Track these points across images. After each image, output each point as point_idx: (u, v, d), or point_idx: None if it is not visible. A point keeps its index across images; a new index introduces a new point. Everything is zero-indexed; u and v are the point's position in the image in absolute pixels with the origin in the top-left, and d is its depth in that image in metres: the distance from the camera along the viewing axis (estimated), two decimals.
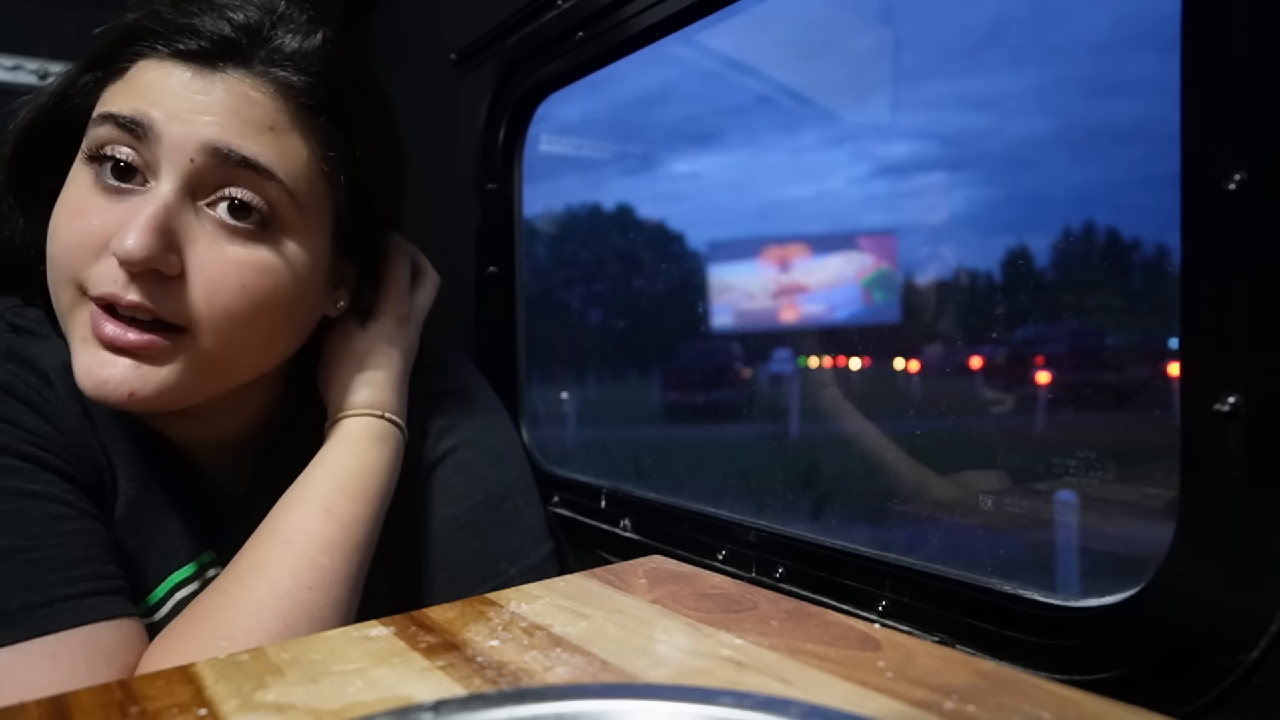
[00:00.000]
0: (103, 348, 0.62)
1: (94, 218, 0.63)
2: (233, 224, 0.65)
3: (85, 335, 0.63)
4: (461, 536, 0.83)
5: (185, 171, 0.63)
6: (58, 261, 0.64)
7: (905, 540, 0.99)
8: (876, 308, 1.56)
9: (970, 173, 1.25)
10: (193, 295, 0.63)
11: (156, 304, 0.62)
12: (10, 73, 1.78)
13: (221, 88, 0.64)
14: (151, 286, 0.62)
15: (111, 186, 0.63)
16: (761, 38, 1.40)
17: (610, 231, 2.44)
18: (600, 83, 1.16)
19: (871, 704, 0.42)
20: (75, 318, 0.64)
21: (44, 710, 0.45)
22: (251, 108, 0.64)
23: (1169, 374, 0.69)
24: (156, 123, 0.62)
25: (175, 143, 0.62)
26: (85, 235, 0.63)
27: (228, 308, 0.64)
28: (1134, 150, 0.87)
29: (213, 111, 0.63)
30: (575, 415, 1.77)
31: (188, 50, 0.65)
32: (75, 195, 0.65)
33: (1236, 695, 0.49)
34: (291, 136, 0.66)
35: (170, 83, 0.64)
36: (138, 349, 0.62)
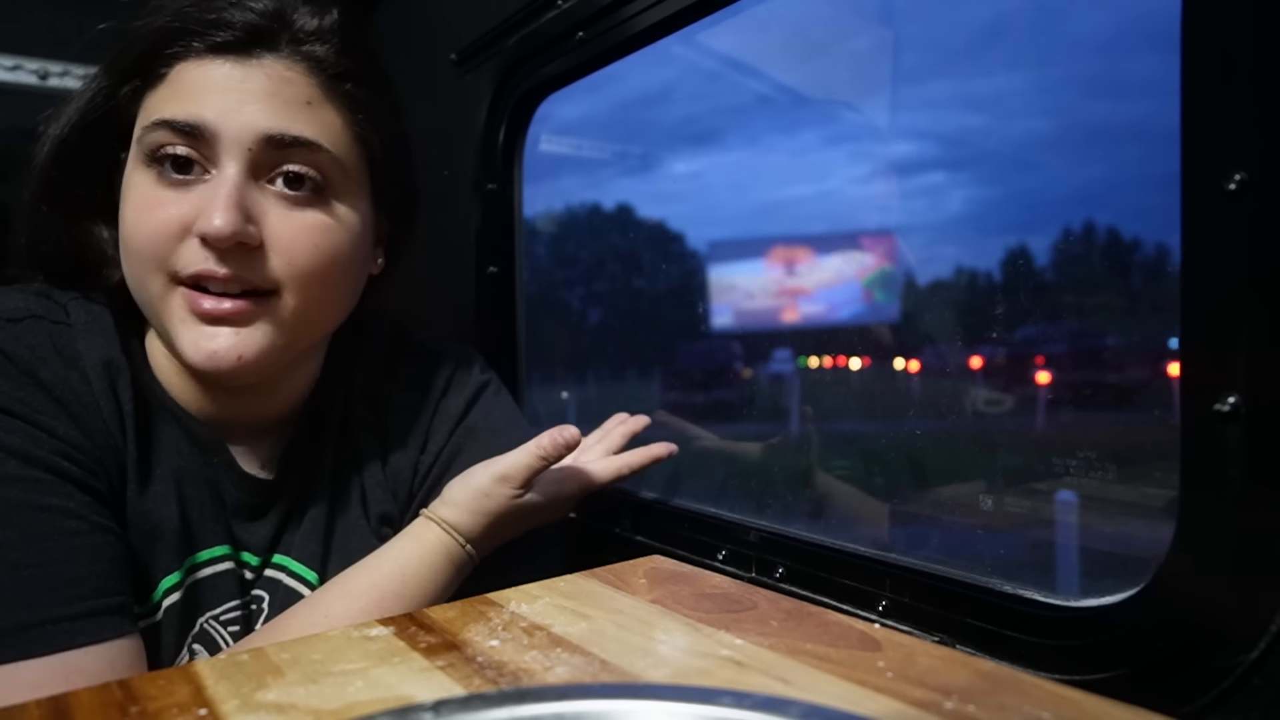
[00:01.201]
0: (204, 323, 0.68)
1: (168, 208, 0.67)
2: (293, 194, 0.70)
3: (184, 316, 0.68)
4: None
5: (245, 158, 0.68)
6: (142, 253, 0.68)
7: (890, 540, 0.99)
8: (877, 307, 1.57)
9: (970, 173, 1.25)
10: (274, 260, 0.69)
11: (246, 272, 0.68)
12: (10, 73, 1.78)
13: (261, 74, 0.69)
14: (239, 258, 0.68)
15: (176, 180, 0.68)
16: (761, 38, 1.40)
17: (610, 231, 2.44)
18: (600, 83, 1.16)
19: (871, 704, 0.42)
20: (169, 303, 0.69)
21: (44, 710, 0.45)
22: (289, 87, 0.70)
23: (1169, 374, 0.69)
24: (211, 122, 0.67)
25: (233, 137, 0.68)
26: (165, 224, 0.67)
27: (306, 267, 0.70)
28: (1134, 150, 0.87)
29: (258, 99, 0.68)
30: (576, 415, 1.77)
31: (223, 43, 0.69)
32: (142, 193, 0.69)
33: (1236, 695, 0.49)
34: (326, 108, 0.72)
35: (215, 79, 0.69)
36: (235, 315, 0.68)
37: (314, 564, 0.79)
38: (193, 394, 0.76)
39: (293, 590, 0.78)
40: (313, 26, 0.72)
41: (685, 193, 2.33)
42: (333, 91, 0.73)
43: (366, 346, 0.87)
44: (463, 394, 0.89)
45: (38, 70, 1.80)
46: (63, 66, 1.80)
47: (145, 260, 0.68)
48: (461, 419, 0.88)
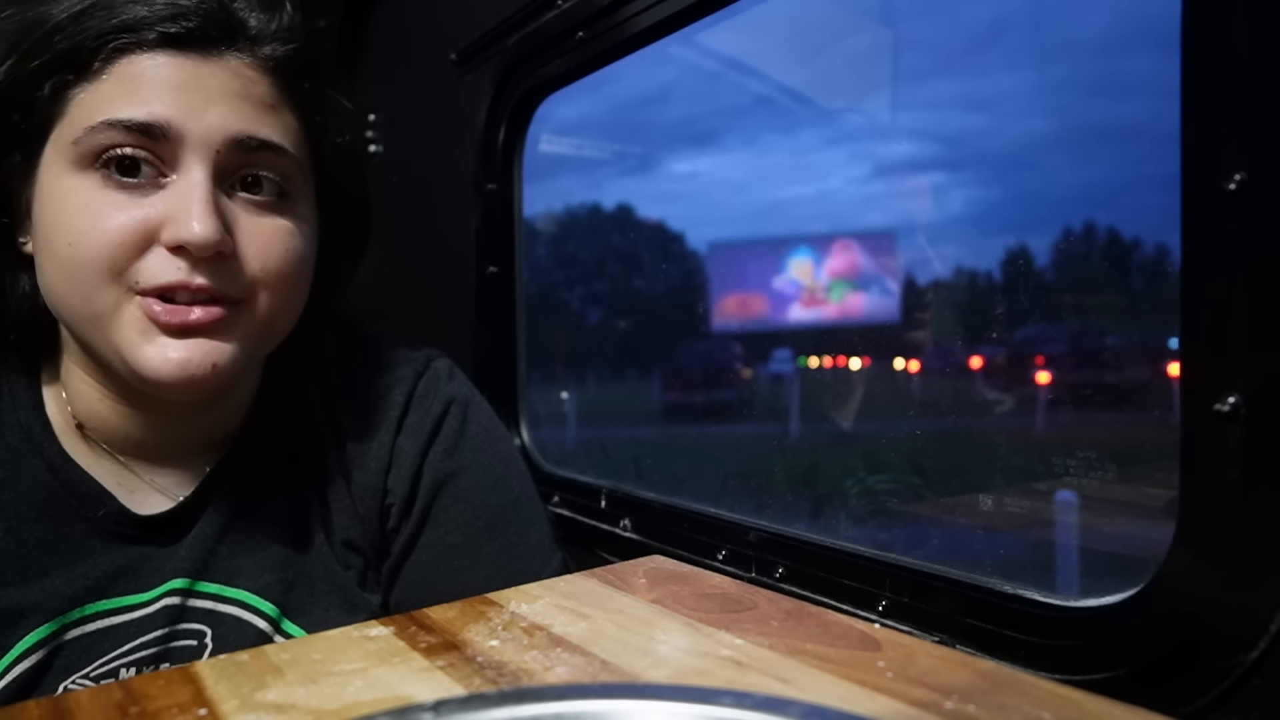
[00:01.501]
0: (169, 334, 0.63)
1: (122, 215, 0.62)
2: (260, 199, 0.67)
3: (144, 328, 0.63)
4: (468, 564, 0.80)
5: (212, 160, 0.64)
6: (93, 264, 0.62)
7: (905, 540, 0.99)
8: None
9: (969, 173, 1.25)
10: (248, 267, 0.65)
11: (219, 282, 0.64)
12: None
13: (225, 72, 0.65)
14: (213, 267, 0.63)
15: (125, 184, 0.63)
16: (761, 38, 1.40)
17: (610, 231, 2.44)
18: (600, 83, 1.16)
19: (871, 704, 0.42)
20: (122, 316, 0.63)
21: (44, 710, 0.45)
22: (254, 88, 0.66)
23: (1169, 374, 0.69)
24: (175, 122, 0.62)
25: (200, 138, 0.63)
26: (123, 232, 0.62)
27: (279, 273, 0.67)
28: (1134, 150, 0.87)
29: (224, 98, 0.64)
30: (575, 415, 1.77)
31: (178, 36, 0.63)
32: (85, 199, 0.63)
33: (1236, 695, 0.49)
34: (284, 110, 0.68)
35: (174, 75, 0.63)
36: (206, 324, 0.63)
37: (270, 594, 0.73)
38: (118, 420, 0.71)
39: (246, 623, 0.72)
40: (273, 24, 0.68)
41: (685, 193, 2.33)
42: (290, 92, 0.69)
43: (310, 354, 0.81)
44: (430, 410, 0.82)
45: None
46: None
47: (96, 272, 0.62)
48: (433, 440, 0.81)
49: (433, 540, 0.80)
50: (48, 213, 0.64)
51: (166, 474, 0.74)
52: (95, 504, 0.70)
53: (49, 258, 0.64)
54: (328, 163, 0.74)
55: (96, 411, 0.71)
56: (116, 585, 0.69)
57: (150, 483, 0.73)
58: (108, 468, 0.72)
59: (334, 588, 0.75)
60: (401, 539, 0.80)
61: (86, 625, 0.68)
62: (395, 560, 0.80)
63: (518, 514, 0.83)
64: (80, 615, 0.68)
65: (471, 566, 0.80)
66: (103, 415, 0.71)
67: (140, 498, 0.72)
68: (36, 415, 0.71)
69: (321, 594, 0.75)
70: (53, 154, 0.64)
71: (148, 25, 0.62)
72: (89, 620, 0.68)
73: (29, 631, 0.66)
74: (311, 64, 0.71)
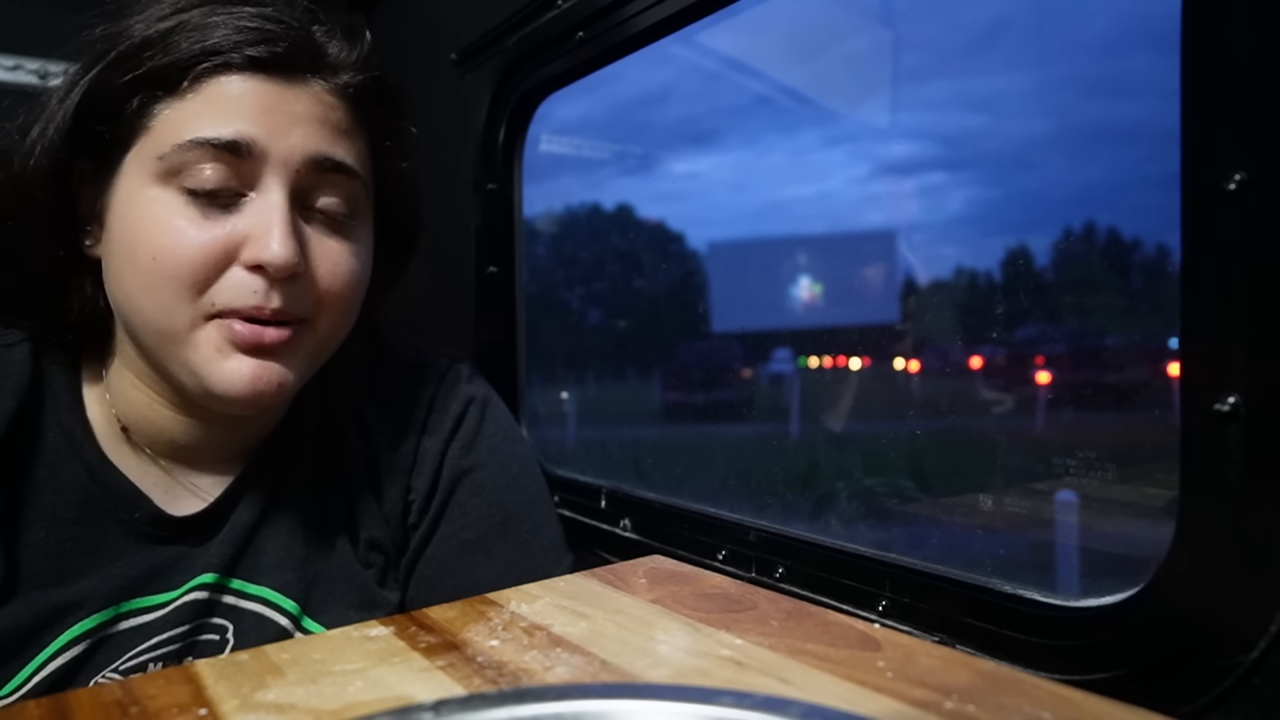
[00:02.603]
0: (242, 353, 0.65)
1: (205, 233, 0.64)
2: (331, 220, 0.69)
3: (220, 345, 0.65)
4: (481, 560, 0.81)
5: (291, 182, 0.66)
6: (175, 282, 0.63)
7: (906, 539, 0.99)
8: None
9: (969, 173, 1.25)
10: (316, 288, 0.68)
11: (289, 304, 0.66)
12: (10, 73, 1.78)
13: (307, 97, 0.67)
14: (286, 288, 0.65)
15: (208, 202, 0.64)
16: (761, 38, 1.40)
17: (610, 231, 2.44)
18: (600, 83, 1.16)
19: (871, 704, 0.42)
20: (198, 333, 0.65)
21: (44, 710, 0.45)
22: (332, 113, 0.68)
23: (1169, 374, 0.69)
24: (259, 141, 0.64)
25: (282, 158, 0.65)
26: (205, 251, 0.63)
27: (342, 295, 0.69)
28: (1134, 150, 0.87)
29: (305, 122, 0.66)
30: (575, 415, 1.77)
31: (264, 60, 0.65)
32: (168, 215, 0.64)
33: (1236, 695, 0.49)
34: (357, 135, 0.71)
35: (260, 98, 0.65)
36: (276, 345, 0.66)
37: (290, 592, 0.74)
38: (164, 425, 0.73)
39: (267, 619, 0.73)
40: (351, 53, 0.70)
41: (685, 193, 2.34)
42: (362, 119, 0.71)
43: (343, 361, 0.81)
44: (450, 409, 0.84)
45: (38, 70, 1.80)
46: (63, 66, 1.80)
47: (176, 289, 0.63)
48: (452, 437, 0.83)
49: (447, 535, 0.82)
50: (128, 224, 0.66)
51: (201, 475, 0.76)
52: (131, 506, 0.71)
53: (130, 269, 0.66)
54: (389, 186, 0.76)
55: (144, 415, 0.72)
56: (150, 584, 0.71)
57: (185, 484, 0.75)
58: (145, 469, 0.74)
59: (354, 586, 0.77)
60: (419, 534, 0.82)
61: (121, 623, 0.69)
62: (411, 555, 0.82)
63: (531, 513, 0.85)
64: (115, 613, 0.69)
65: (485, 562, 0.81)
66: (149, 419, 0.72)
67: (174, 498, 0.74)
68: (77, 417, 0.72)
69: (341, 592, 0.76)
70: (135, 165, 0.66)
71: (237, 49, 0.64)
72: (124, 618, 0.70)
73: (65, 629, 0.67)
74: (384, 92, 0.73)
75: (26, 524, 0.68)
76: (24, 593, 0.66)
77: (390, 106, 0.74)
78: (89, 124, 0.66)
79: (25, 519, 0.68)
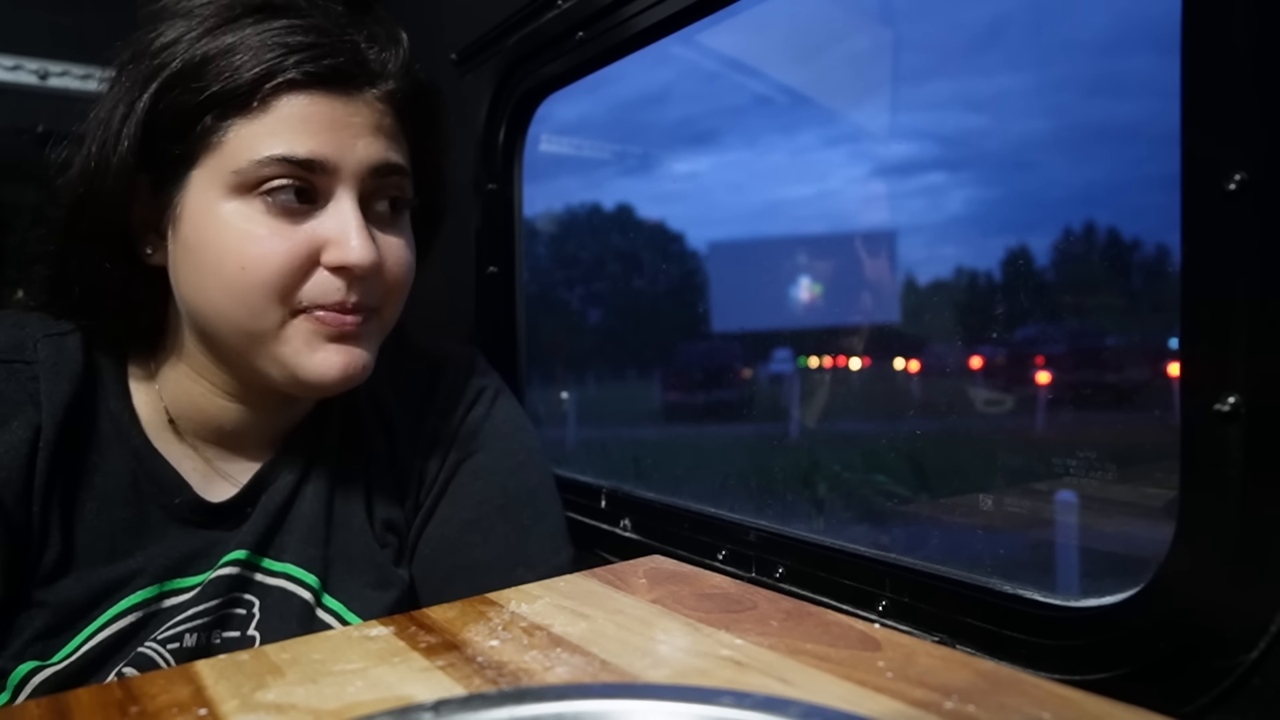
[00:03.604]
0: (329, 342, 0.71)
1: (287, 240, 0.69)
2: (387, 216, 0.75)
3: (309, 339, 0.70)
4: (479, 540, 0.83)
5: (359, 189, 0.71)
6: (265, 286, 0.68)
7: (905, 540, 0.99)
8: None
9: (969, 173, 1.25)
10: (385, 280, 0.74)
11: (366, 296, 0.72)
12: (10, 73, 1.78)
13: (365, 109, 0.72)
14: (364, 284, 0.71)
15: (288, 211, 0.69)
16: (760, 38, 1.40)
17: (610, 231, 2.44)
18: (600, 83, 1.16)
19: (871, 704, 0.42)
20: (287, 332, 0.70)
21: (44, 710, 0.45)
22: (385, 120, 0.73)
23: (1169, 374, 0.69)
24: (331, 158, 0.69)
25: (351, 171, 0.70)
26: (291, 257, 0.68)
27: (402, 282, 0.76)
28: (1134, 150, 0.87)
29: (366, 133, 0.71)
30: (575, 415, 1.77)
31: (325, 76, 0.70)
32: (251, 225, 0.68)
33: (1236, 695, 0.49)
34: (401, 137, 0.76)
35: (327, 114, 0.70)
36: (359, 332, 0.72)
37: (313, 567, 0.78)
38: (214, 413, 0.77)
39: (290, 594, 0.77)
40: (397, 62, 0.75)
41: (685, 193, 2.34)
42: (405, 121, 0.76)
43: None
44: (463, 397, 0.88)
45: (38, 70, 1.80)
46: (63, 66, 1.80)
47: (266, 293, 0.68)
48: (463, 422, 0.87)
49: (449, 515, 0.85)
50: (207, 236, 0.69)
51: (236, 461, 0.80)
52: (173, 492, 0.76)
53: (214, 279, 0.70)
54: (428, 183, 0.81)
55: (195, 404, 0.77)
56: (190, 566, 0.76)
57: (220, 470, 0.79)
58: (185, 457, 0.78)
59: (371, 565, 0.81)
60: (422, 513, 0.85)
61: (163, 601, 0.74)
62: (414, 533, 0.85)
63: (533, 501, 0.87)
64: (159, 591, 0.74)
65: (481, 543, 0.83)
66: (201, 408, 0.77)
67: (210, 485, 0.79)
68: (124, 406, 0.76)
69: (360, 570, 0.80)
70: (206, 180, 0.70)
71: (297, 66, 0.68)
72: (166, 596, 0.74)
73: (113, 604, 0.72)
74: (424, 95, 0.78)
75: (80, 503, 0.72)
76: (77, 569, 0.71)
77: (431, 108, 0.79)
78: (154, 141, 0.69)
79: (79, 499, 0.72)
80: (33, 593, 0.70)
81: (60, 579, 0.70)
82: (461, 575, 0.82)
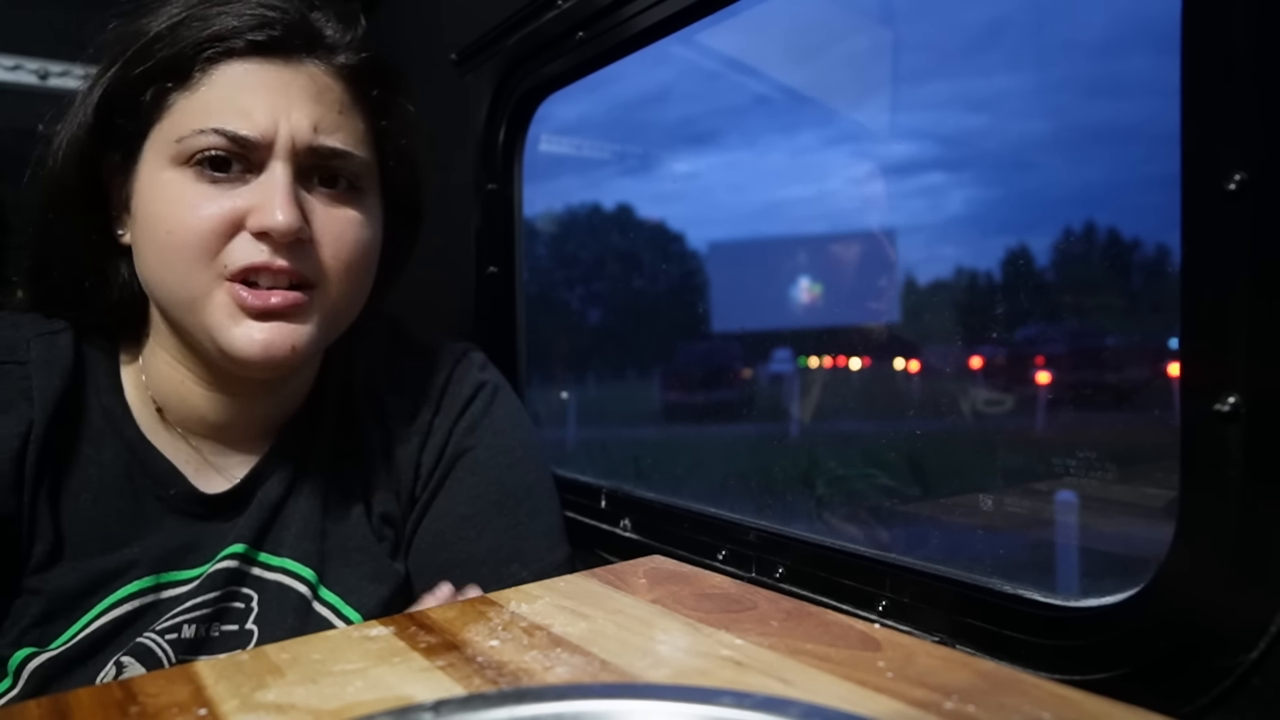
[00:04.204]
0: (253, 317, 0.70)
1: (213, 205, 0.69)
2: (333, 192, 0.74)
3: (232, 311, 0.70)
4: (474, 535, 0.83)
5: (292, 162, 0.71)
6: (188, 248, 0.69)
7: (905, 540, 0.99)
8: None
9: (969, 173, 1.25)
10: (322, 253, 0.72)
11: (298, 264, 0.71)
12: (10, 73, 1.78)
13: (304, 77, 0.72)
14: (293, 251, 0.70)
15: (216, 178, 0.69)
16: (760, 38, 1.40)
17: (610, 231, 2.44)
18: (600, 83, 1.16)
19: (871, 704, 0.42)
20: (212, 299, 0.70)
21: (44, 710, 0.45)
22: (328, 94, 0.73)
23: (1169, 374, 0.69)
24: (264, 125, 0.69)
25: (284, 144, 0.70)
26: (214, 221, 0.69)
27: (349, 260, 0.74)
28: (1134, 150, 0.87)
29: (303, 103, 0.71)
30: (575, 415, 1.77)
31: (264, 43, 0.70)
32: (180, 192, 0.69)
33: (1236, 695, 0.49)
34: (355, 114, 0.75)
35: (261, 80, 0.70)
36: (285, 309, 0.70)
37: (310, 561, 0.78)
38: (196, 402, 0.77)
39: (288, 588, 0.77)
40: (346, 34, 0.75)
41: (685, 193, 2.33)
42: (359, 98, 0.76)
43: (363, 345, 0.87)
44: (461, 392, 0.88)
45: (38, 70, 1.80)
46: (63, 66, 1.80)
47: (190, 256, 0.69)
48: (460, 417, 0.87)
49: (445, 509, 0.85)
50: (146, 203, 0.71)
51: (228, 455, 0.80)
52: (167, 482, 0.77)
53: (149, 245, 0.71)
54: (391, 163, 0.80)
55: (177, 393, 0.77)
56: (186, 558, 0.76)
57: (213, 463, 0.80)
58: (178, 449, 0.79)
59: (368, 558, 0.81)
60: (419, 507, 0.85)
61: (160, 592, 0.74)
62: (410, 527, 0.86)
63: (529, 497, 0.87)
64: (156, 582, 0.74)
65: (476, 538, 0.84)
66: (182, 397, 0.77)
67: (204, 477, 0.79)
68: (116, 398, 0.77)
69: (356, 563, 0.81)
70: (152, 151, 0.71)
71: (238, 34, 0.70)
72: (164, 588, 0.75)
73: (110, 593, 0.72)
74: (381, 72, 0.78)
75: (72, 494, 0.73)
76: (71, 558, 0.72)
77: (387, 86, 0.78)
78: (112, 118, 0.71)
79: (72, 490, 0.73)
80: (28, 580, 0.71)
81: (53, 567, 0.71)
82: (456, 569, 0.82)
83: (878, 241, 1.35)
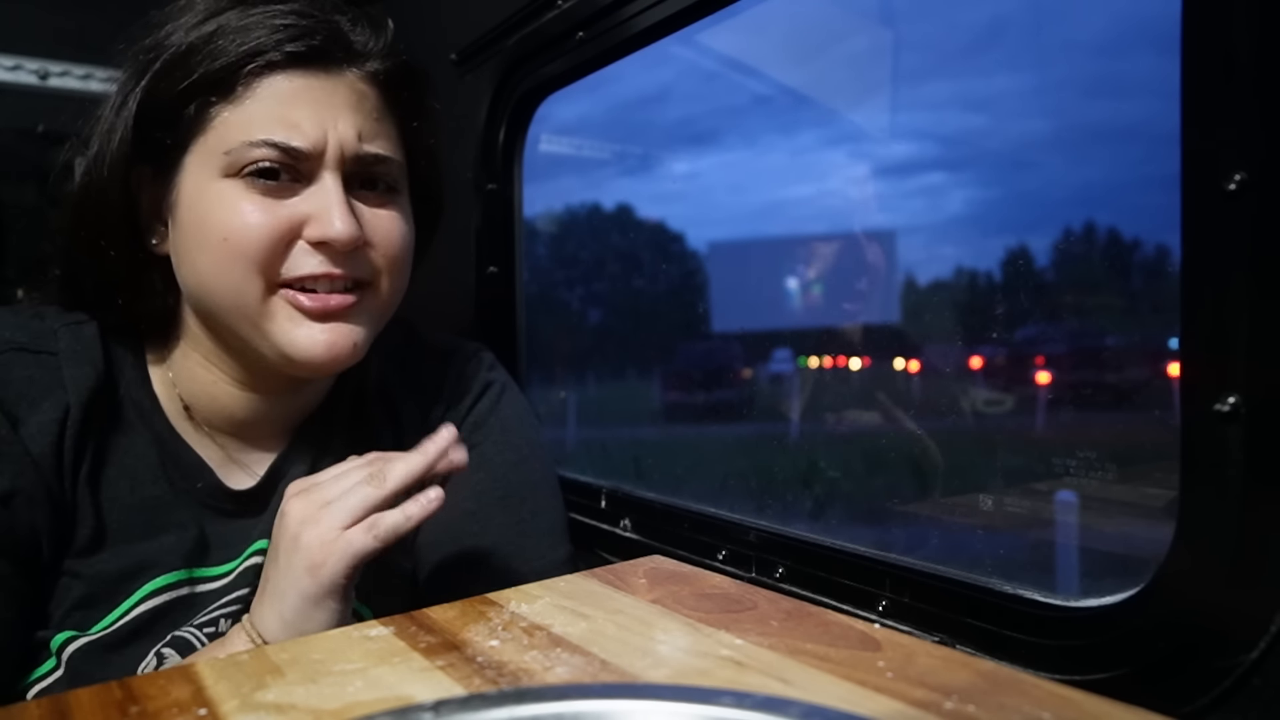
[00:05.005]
0: (315, 319, 0.72)
1: (269, 216, 0.70)
2: (377, 195, 0.76)
3: (291, 315, 0.72)
4: (477, 531, 0.84)
5: (343, 167, 0.73)
6: (246, 259, 0.70)
7: (905, 539, 0.99)
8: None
9: (969, 173, 1.25)
10: (373, 255, 0.75)
11: (354, 269, 0.73)
12: (10, 73, 1.78)
13: (345, 87, 0.73)
14: (348, 257, 0.73)
15: (269, 188, 0.71)
16: (760, 38, 1.40)
17: (610, 231, 2.44)
18: (599, 83, 1.16)
19: (871, 704, 0.42)
20: (270, 305, 0.72)
21: (44, 710, 0.45)
22: (366, 101, 0.75)
23: (1169, 374, 0.69)
24: (313, 137, 0.71)
25: (334, 149, 0.72)
26: (272, 231, 0.70)
27: (397, 258, 0.77)
28: (1133, 150, 0.87)
29: (346, 112, 0.73)
30: (575, 415, 1.77)
31: (304, 55, 0.71)
32: (234, 203, 0.70)
33: (1236, 695, 0.49)
34: (387, 118, 0.77)
35: (305, 93, 0.71)
36: (346, 309, 0.73)
37: None
38: (225, 401, 0.78)
39: None
40: (379, 41, 0.77)
41: (684, 193, 2.33)
42: (391, 102, 0.77)
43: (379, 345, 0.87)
44: (470, 391, 0.90)
45: (38, 70, 1.80)
46: (63, 66, 1.80)
47: (247, 265, 0.70)
48: (468, 414, 0.89)
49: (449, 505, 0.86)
50: (198, 213, 0.72)
51: (251, 451, 0.82)
52: (196, 476, 0.78)
53: (200, 253, 0.72)
54: (420, 162, 0.82)
55: (207, 393, 0.79)
56: (217, 553, 0.78)
57: (237, 460, 0.81)
58: (204, 444, 0.80)
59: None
60: None
61: (195, 586, 0.76)
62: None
63: (534, 496, 0.88)
64: (190, 575, 0.76)
65: (479, 534, 0.85)
66: (213, 396, 0.79)
67: (229, 473, 0.80)
68: (146, 392, 0.78)
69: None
70: (198, 163, 0.72)
71: (277, 47, 0.71)
72: (198, 582, 0.76)
73: (147, 580, 0.74)
74: (410, 75, 0.80)
75: (111, 481, 0.74)
76: (112, 545, 0.73)
77: (415, 87, 0.80)
78: (148, 131, 0.72)
79: (110, 477, 0.74)
80: (69, 563, 0.72)
81: (96, 553, 0.73)
82: (459, 564, 0.83)
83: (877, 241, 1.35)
